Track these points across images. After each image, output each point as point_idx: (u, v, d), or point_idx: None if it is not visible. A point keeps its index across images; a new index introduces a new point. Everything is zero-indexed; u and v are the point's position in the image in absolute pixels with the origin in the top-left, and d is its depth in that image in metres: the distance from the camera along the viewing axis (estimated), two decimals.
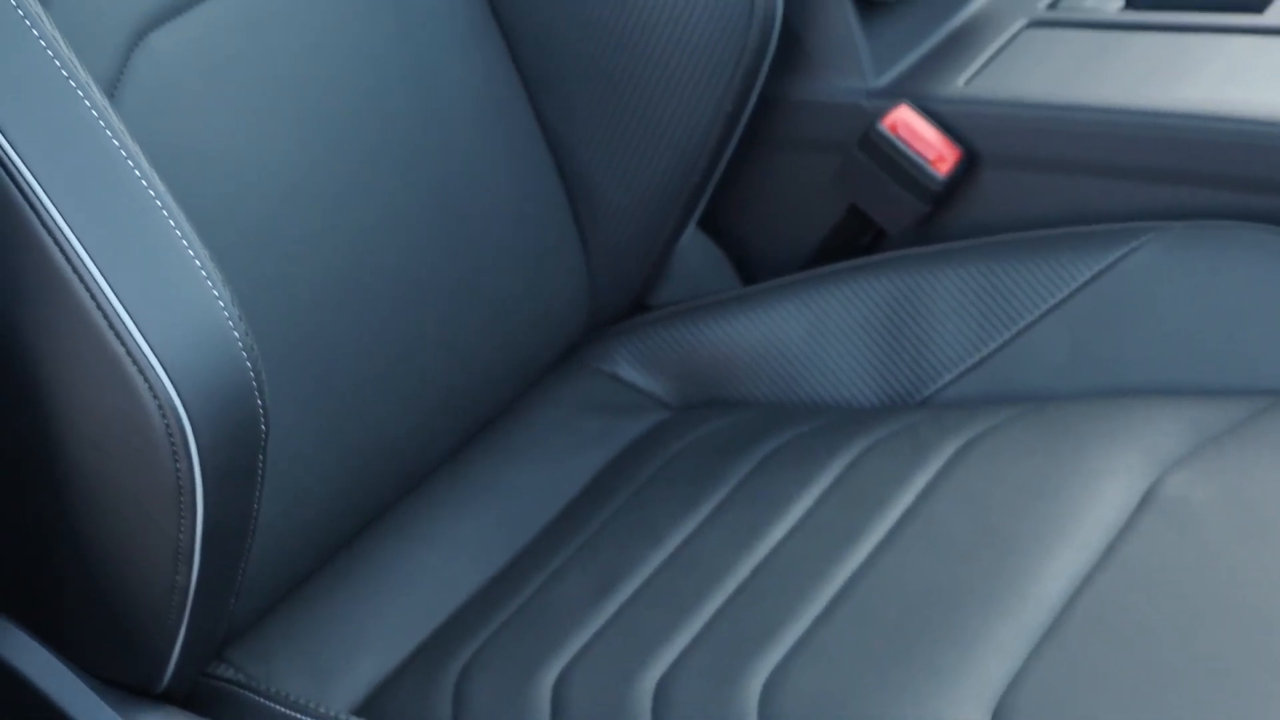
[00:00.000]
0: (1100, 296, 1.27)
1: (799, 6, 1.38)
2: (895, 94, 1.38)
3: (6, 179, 0.89)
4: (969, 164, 1.37)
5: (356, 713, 1.15)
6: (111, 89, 1.05)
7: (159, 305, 0.90)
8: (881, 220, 1.40)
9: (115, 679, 1.08)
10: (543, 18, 1.28)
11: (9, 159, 0.89)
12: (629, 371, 1.39)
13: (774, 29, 1.28)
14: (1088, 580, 1.06)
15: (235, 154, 1.11)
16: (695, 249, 1.48)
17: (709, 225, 1.49)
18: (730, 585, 1.14)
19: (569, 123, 1.31)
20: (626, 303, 1.41)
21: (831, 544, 1.14)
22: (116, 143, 0.91)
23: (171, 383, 0.90)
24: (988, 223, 1.37)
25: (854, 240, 1.44)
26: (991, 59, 1.41)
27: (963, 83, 1.38)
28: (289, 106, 1.15)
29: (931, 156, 1.36)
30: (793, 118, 1.42)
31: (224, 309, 0.92)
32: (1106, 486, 1.13)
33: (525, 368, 1.34)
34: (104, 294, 0.89)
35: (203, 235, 0.93)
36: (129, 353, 0.89)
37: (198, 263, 0.92)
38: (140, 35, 1.07)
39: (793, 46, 1.39)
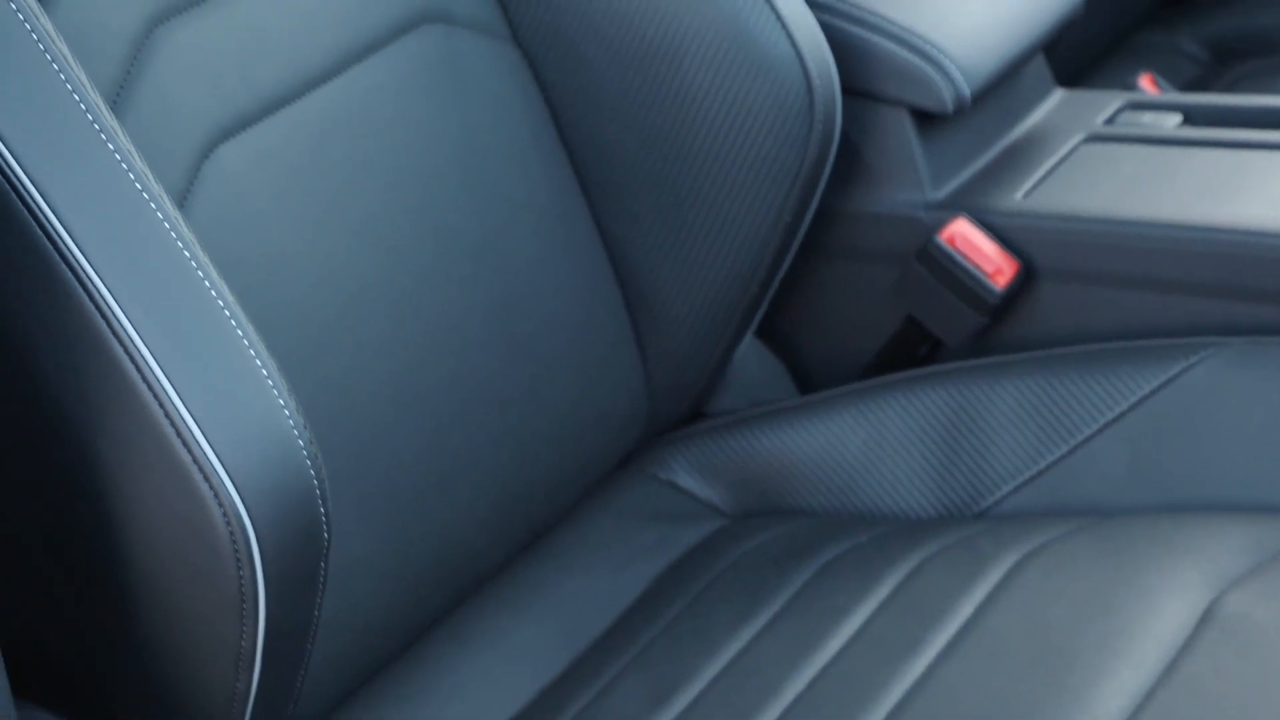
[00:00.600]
0: (1159, 411, 1.26)
1: (858, 119, 1.39)
2: (953, 207, 1.39)
3: (79, 288, 0.90)
4: (1027, 277, 1.37)
5: None
6: (181, 200, 1.07)
7: (225, 413, 0.91)
8: (939, 332, 1.41)
9: None
10: (604, 128, 1.30)
11: (82, 269, 0.90)
12: (686, 479, 1.39)
13: (833, 141, 1.29)
14: (1148, 698, 1.05)
15: (298, 262, 1.13)
16: (753, 358, 1.48)
17: (767, 334, 1.50)
18: (787, 696, 1.13)
19: (629, 231, 1.32)
20: (684, 410, 1.42)
21: (889, 656, 1.14)
22: (187, 253, 0.93)
23: (236, 490, 0.90)
24: (1045, 335, 1.37)
25: (911, 351, 1.44)
26: (1049, 173, 1.41)
27: (1020, 196, 1.39)
28: (351, 215, 1.16)
29: (989, 269, 1.36)
30: (851, 229, 1.43)
31: (289, 417, 0.93)
32: (1166, 603, 1.12)
33: (583, 475, 1.34)
34: (171, 401, 0.90)
35: (265, 341, 0.94)
36: (195, 460, 0.90)
37: (264, 371, 0.93)
38: (210, 148, 1.09)
39: (851, 159, 1.40)
